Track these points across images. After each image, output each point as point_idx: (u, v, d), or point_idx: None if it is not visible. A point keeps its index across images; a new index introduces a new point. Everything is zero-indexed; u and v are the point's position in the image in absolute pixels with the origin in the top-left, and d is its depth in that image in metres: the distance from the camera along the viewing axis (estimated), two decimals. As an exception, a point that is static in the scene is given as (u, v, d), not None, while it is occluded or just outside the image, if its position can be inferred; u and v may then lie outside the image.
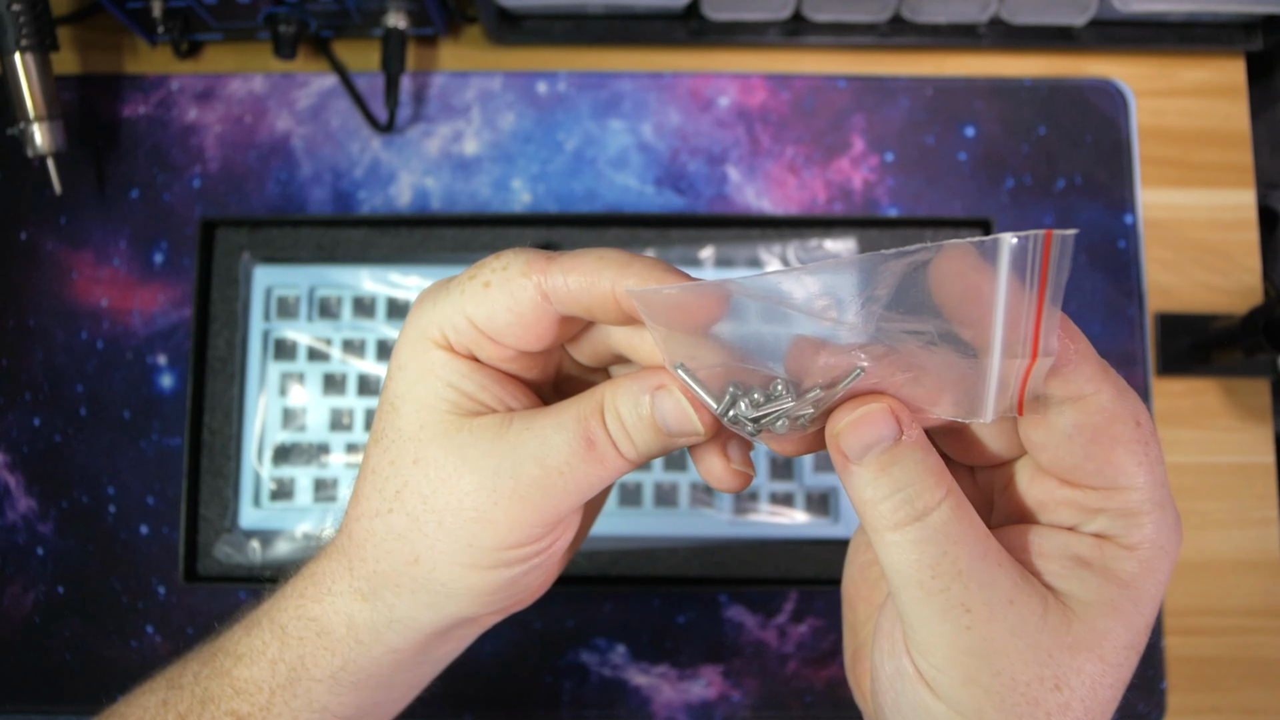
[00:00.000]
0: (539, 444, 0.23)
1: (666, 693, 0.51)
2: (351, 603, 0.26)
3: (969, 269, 0.19)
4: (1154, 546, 0.21)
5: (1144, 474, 0.21)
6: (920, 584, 0.20)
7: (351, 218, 0.54)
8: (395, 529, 0.24)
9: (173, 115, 0.56)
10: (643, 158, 0.56)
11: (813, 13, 0.55)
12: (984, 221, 0.52)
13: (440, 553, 0.24)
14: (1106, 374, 0.21)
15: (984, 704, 0.20)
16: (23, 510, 0.53)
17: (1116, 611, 0.21)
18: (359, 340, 0.52)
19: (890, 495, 0.20)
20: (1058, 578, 0.21)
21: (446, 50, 0.58)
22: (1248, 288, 0.55)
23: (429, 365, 0.24)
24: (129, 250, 0.55)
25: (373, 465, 0.25)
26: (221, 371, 0.52)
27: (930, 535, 0.20)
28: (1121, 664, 0.21)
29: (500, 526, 0.23)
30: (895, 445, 0.21)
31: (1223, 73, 0.57)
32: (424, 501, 0.24)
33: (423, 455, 0.24)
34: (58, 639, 0.52)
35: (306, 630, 0.27)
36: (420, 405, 0.24)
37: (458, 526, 0.24)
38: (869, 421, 0.21)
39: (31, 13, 0.49)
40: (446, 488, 0.24)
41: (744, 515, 0.50)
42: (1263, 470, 0.53)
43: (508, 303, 0.23)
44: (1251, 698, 0.52)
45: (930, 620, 0.20)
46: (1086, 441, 0.21)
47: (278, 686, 0.27)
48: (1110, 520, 0.21)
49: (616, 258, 0.22)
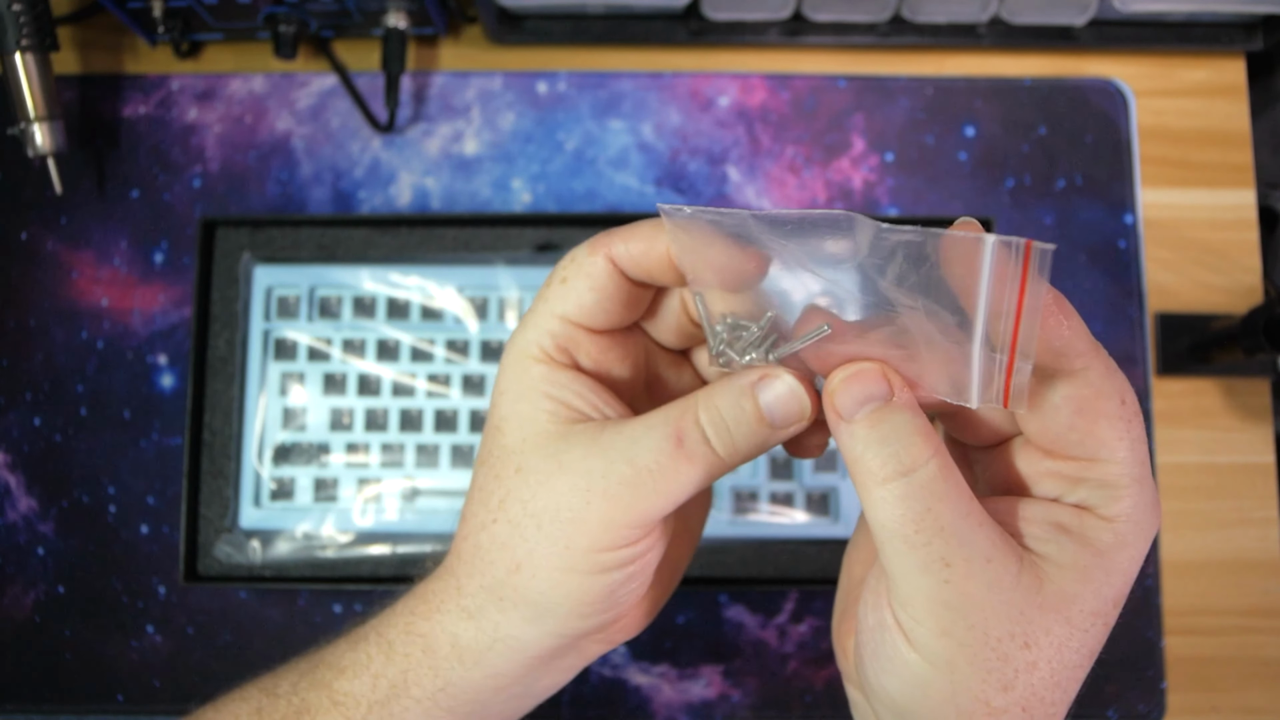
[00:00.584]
0: (629, 444, 0.24)
1: (666, 693, 0.51)
2: (458, 621, 0.27)
3: (966, 256, 0.20)
4: (1130, 520, 0.22)
5: (1125, 449, 0.22)
6: (904, 538, 0.21)
7: (351, 218, 0.54)
8: (499, 538, 0.26)
9: (173, 115, 0.56)
10: (643, 158, 0.56)
11: (813, 13, 0.55)
12: (984, 221, 0.52)
13: (539, 557, 0.25)
14: (1097, 352, 0.22)
15: (956, 655, 0.21)
16: (23, 510, 0.53)
17: (1088, 578, 0.22)
18: (359, 340, 0.52)
19: (879, 451, 0.21)
20: (1037, 541, 0.22)
21: (446, 50, 0.58)
22: (1248, 288, 0.55)
23: (529, 382, 0.26)
24: (129, 250, 0.55)
25: (479, 483, 0.27)
26: (221, 371, 0.52)
27: (915, 491, 0.21)
28: (1088, 630, 0.22)
29: (593, 526, 0.24)
30: (886, 404, 0.22)
31: (1223, 73, 0.57)
32: (524, 507, 0.25)
33: (524, 464, 0.25)
34: (58, 639, 0.52)
35: (413, 647, 0.28)
36: (522, 420, 0.26)
37: (554, 529, 0.25)
38: (861, 379, 0.22)
39: (31, 13, 0.49)
40: (544, 491, 0.25)
41: (744, 515, 0.50)
42: (1263, 470, 0.53)
43: (588, 284, 0.25)
44: (1251, 698, 0.52)
45: (912, 573, 0.21)
46: (1072, 413, 0.22)
47: (376, 702, 0.28)
48: (1090, 491, 0.22)
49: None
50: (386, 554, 0.50)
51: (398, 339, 0.52)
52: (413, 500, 0.51)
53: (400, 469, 0.51)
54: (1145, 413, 0.53)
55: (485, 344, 0.51)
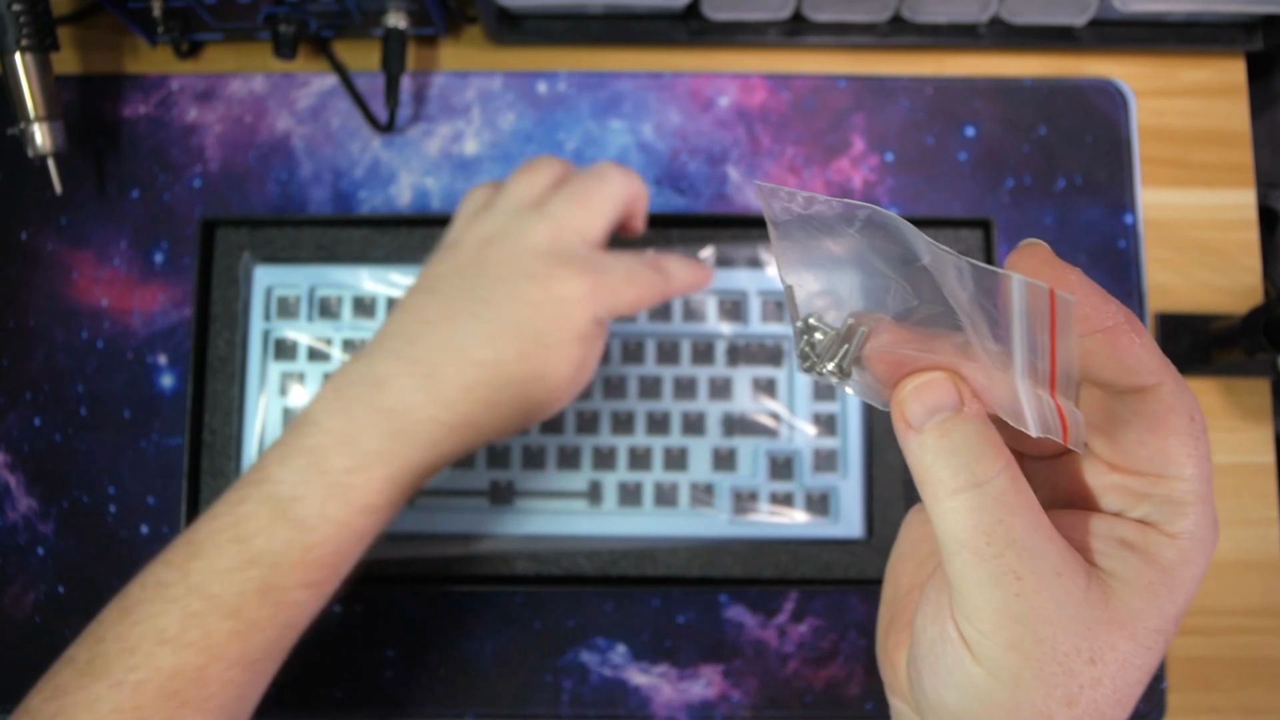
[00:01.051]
0: (631, 260, 0.42)
1: (666, 693, 0.51)
2: (411, 386, 0.38)
3: (1004, 290, 0.20)
4: (1193, 538, 0.22)
5: (1193, 466, 0.22)
6: (975, 549, 0.21)
7: (351, 218, 0.54)
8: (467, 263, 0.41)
9: (173, 115, 0.56)
10: (643, 158, 0.56)
11: (813, 13, 0.55)
12: (984, 221, 0.52)
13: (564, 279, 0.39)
14: (1168, 367, 0.22)
15: (1023, 670, 0.21)
16: (23, 510, 0.53)
17: (1153, 594, 0.22)
18: (359, 340, 0.52)
19: (950, 462, 0.21)
20: (1102, 556, 0.22)
21: (446, 50, 0.58)
22: (1248, 288, 0.55)
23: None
24: (129, 250, 0.55)
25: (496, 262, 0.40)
26: (221, 371, 0.52)
27: (987, 503, 0.21)
28: (1151, 647, 0.22)
29: (558, 307, 0.39)
30: (956, 415, 0.21)
31: (1223, 73, 0.57)
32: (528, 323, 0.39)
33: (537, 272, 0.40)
34: (58, 639, 0.52)
35: (380, 422, 0.38)
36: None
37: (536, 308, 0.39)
38: (931, 389, 0.21)
39: (31, 13, 0.49)
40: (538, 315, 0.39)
41: (744, 515, 0.50)
42: (1263, 470, 0.53)
43: (622, 203, 0.42)
44: (1252, 698, 0.52)
45: (982, 585, 0.21)
46: (1143, 430, 0.22)
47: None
48: (1155, 507, 0.22)
49: None
50: (387, 554, 0.50)
51: (398, 339, 0.52)
52: (412, 500, 0.51)
53: (400, 469, 0.51)
54: (1145, 413, 0.53)
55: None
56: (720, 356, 0.51)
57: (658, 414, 0.51)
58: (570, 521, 0.50)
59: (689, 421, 0.51)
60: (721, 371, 0.51)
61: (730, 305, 0.52)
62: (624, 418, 0.51)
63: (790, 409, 0.51)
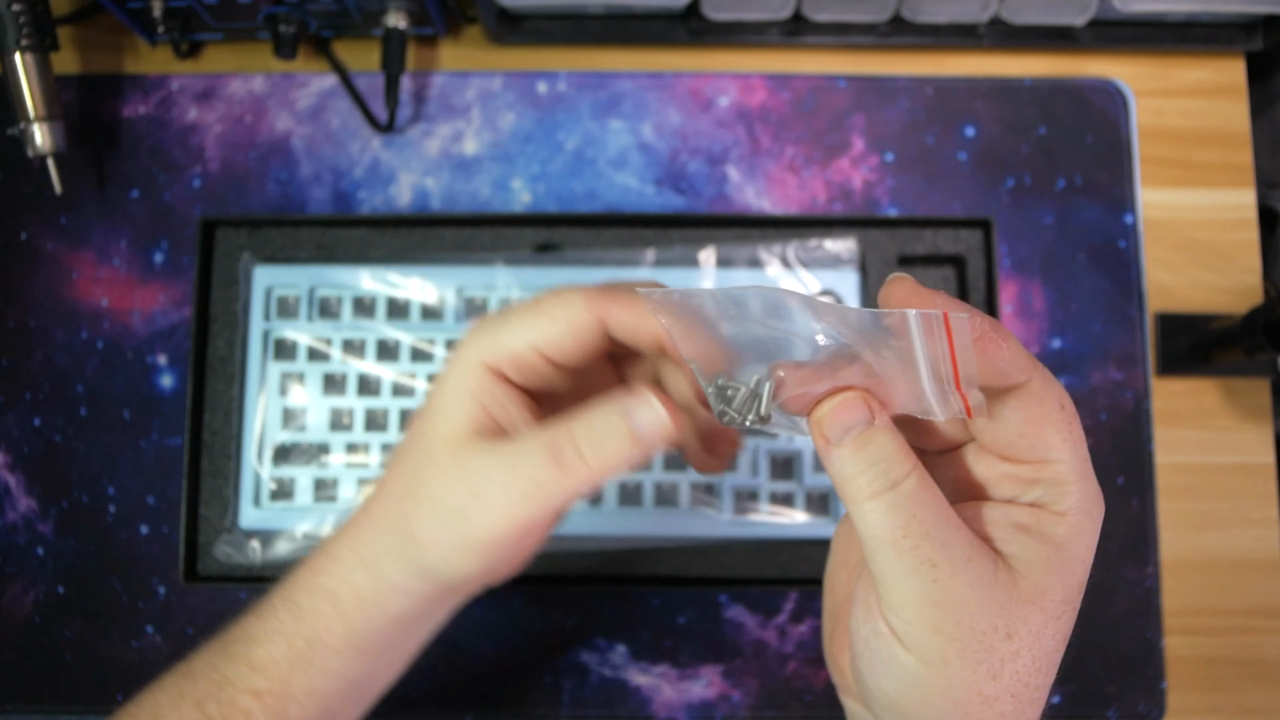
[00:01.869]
0: (514, 456, 0.28)
1: (666, 693, 0.51)
2: (356, 570, 0.31)
3: (901, 326, 0.23)
4: (1080, 512, 0.24)
5: (1069, 449, 0.24)
6: (894, 544, 0.23)
7: (351, 218, 0.54)
8: (405, 512, 0.30)
9: (173, 115, 0.56)
10: (643, 158, 0.56)
11: (813, 13, 0.55)
12: (984, 221, 0.52)
13: (436, 540, 0.29)
14: (1034, 365, 0.24)
15: (948, 651, 0.23)
16: (23, 510, 0.53)
17: (1053, 570, 0.24)
18: (359, 340, 0.52)
19: (866, 469, 0.24)
20: (1003, 542, 0.25)
21: (446, 50, 0.58)
22: (1248, 288, 0.55)
23: (470, 385, 0.29)
24: (129, 250, 0.55)
25: (398, 457, 0.31)
26: (221, 371, 0.52)
27: (901, 501, 0.23)
28: (1060, 616, 0.24)
29: (481, 524, 0.28)
30: (868, 428, 0.24)
31: (1223, 73, 0.57)
32: (429, 496, 0.29)
33: (435, 458, 0.29)
34: (58, 639, 0.52)
35: (320, 602, 0.31)
36: (447, 417, 0.29)
37: (450, 520, 0.29)
38: (845, 408, 0.24)
39: (31, 13, 0.49)
40: (444, 486, 0.29)
41: (744, 515, 0.50)
42: (1263, 470, 0.53)
43: (570, 329, 0.28)
44: (1251, 698, 0.52)
45: (903, 576, 0.23)
46: (1022, 423, 0.24)
47: (296, 660, 0.31)
48: (1043, 490, 0.25)
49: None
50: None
51: (398, 339, 0.52)
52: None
53: (400, 469, 0.51)
54: (1145, 413, 0.53)
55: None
56: (720, 356, 0.51)
57: (658, 414, 0.51)
58: (570, 521, 0.50)
59: (689, 421, 0.51)
60: (721, 371, 0.51)
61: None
62: (624, 418, 0.51)
63: (790, 409, 0.51)
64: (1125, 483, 0.53)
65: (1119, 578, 0.52)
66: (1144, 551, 0.52)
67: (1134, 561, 0.52)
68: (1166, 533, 0.52)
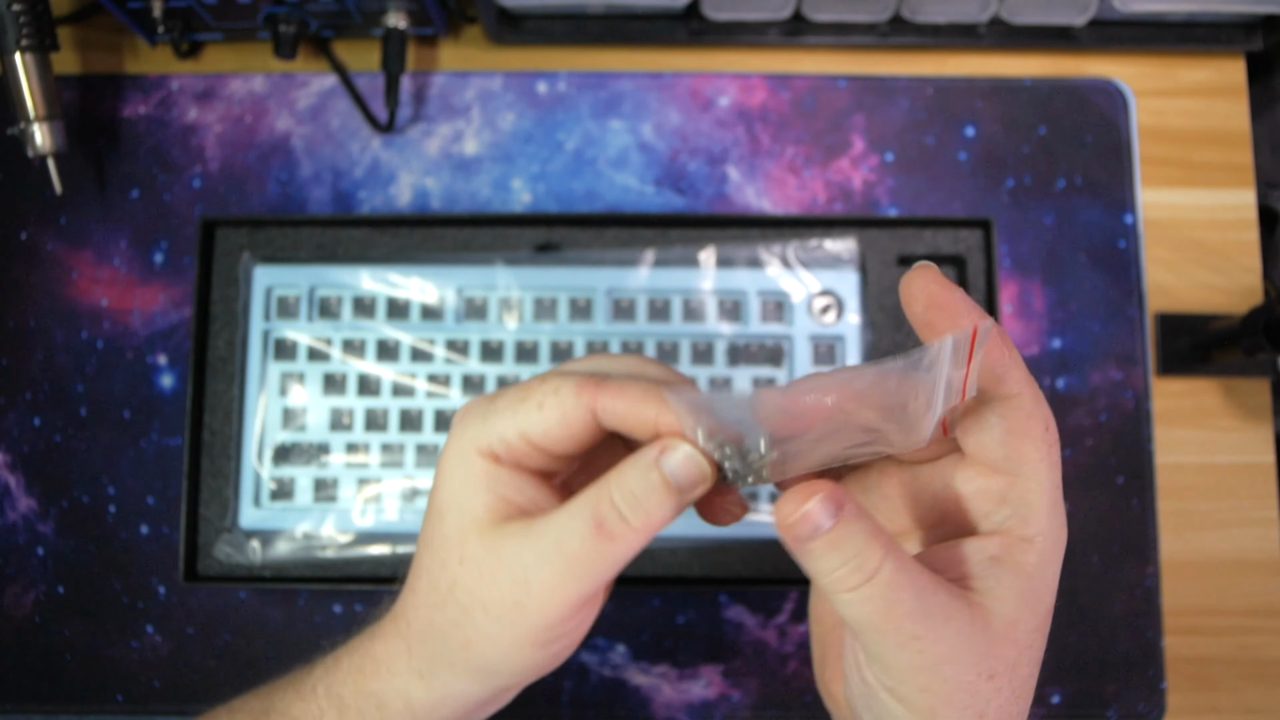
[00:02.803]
0: (557, 534, 0.27)
1: (666, 693, 0.51)
2: (410, 681, 0.30)
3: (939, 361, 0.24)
4: (1048, 537, 0.26)
5: (1045, 470, 0.25)
6: (876, 628, 0.24)
7: (351, 218, 0.54)
8: (450, 618, 0.28)
9: (173, 115, 0.56)
10: (643, 158, 0.56)
11: (813, 13, 0.55)
12: (984, 221, 0.52)
13: (489, 637, 0.28)
14: (1030, 382, 0.25)
15: (936, 704, 0.25)
16: (23, 510, 0.53)
17: (1025, 601, 0.25)
18: (359, 340, 0.52)
19: (840, 565, 0.24)
20: (978, 579, 0.26)
21: (446, 50, 0.58)
22: (1248, 288, 0.55)
23: (474, 475, 0.28)
24: (129, 250, 0.55)
25: (426, 564, 0.29)
26: (221, 371, 0.52)
27: (879, 590, 0.24)
28: (1032, 644, 0.26)
29: (534, 612, 0.27)
30: (837, 524, 0.24)
31: (1223, 73, 0.57)
32: (471, 595, 0.28)
33: (466, 555, 0.28)
34: (58, 639, 0.52)
35: (366, 704, 0.30)
36: (462, 511, 0.28)
37: (501, 614, 0.27)
38: (813, 514, 0.24)
39: (31, 13, 0.49)
40: (488, 583, 0.27)
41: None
42: (1263, 470, 0.53)
43: (560, 420, 0.27)
44: (1251, 698, 0.52)
45: (889, 652, 0.25)
46: (1005, 432, 0.25)
47: None
48: (1012, 510, 0.26)
49: (659, 393, 0.26)
50: (386, 554, 0.50)
51: (398, 339, 0.52)
52: (413, 500, 0.51)
53: (400, 469, 0.51)
54: (1145, 413, 0.53)
55: (485, 344, 0.52)
56: (720, 356, 0.51)
57: (658, 414, 0.51)
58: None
59: (689, 421, 0.51)
60: (721, 371, 0.51)
61: (730, 305, 0.52)
62: (624, 418, 0.51)
63: (790, 409, 0.51)
64: (1125, 483, 0.53)
65: (1119, 578, 0.52)
66: (1144, 551, 0.52)
67: (1134, 561, 0.52)
68: (1166, 533, 0.52)
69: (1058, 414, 0.53)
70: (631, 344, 0.51)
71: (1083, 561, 0.52)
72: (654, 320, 0.51)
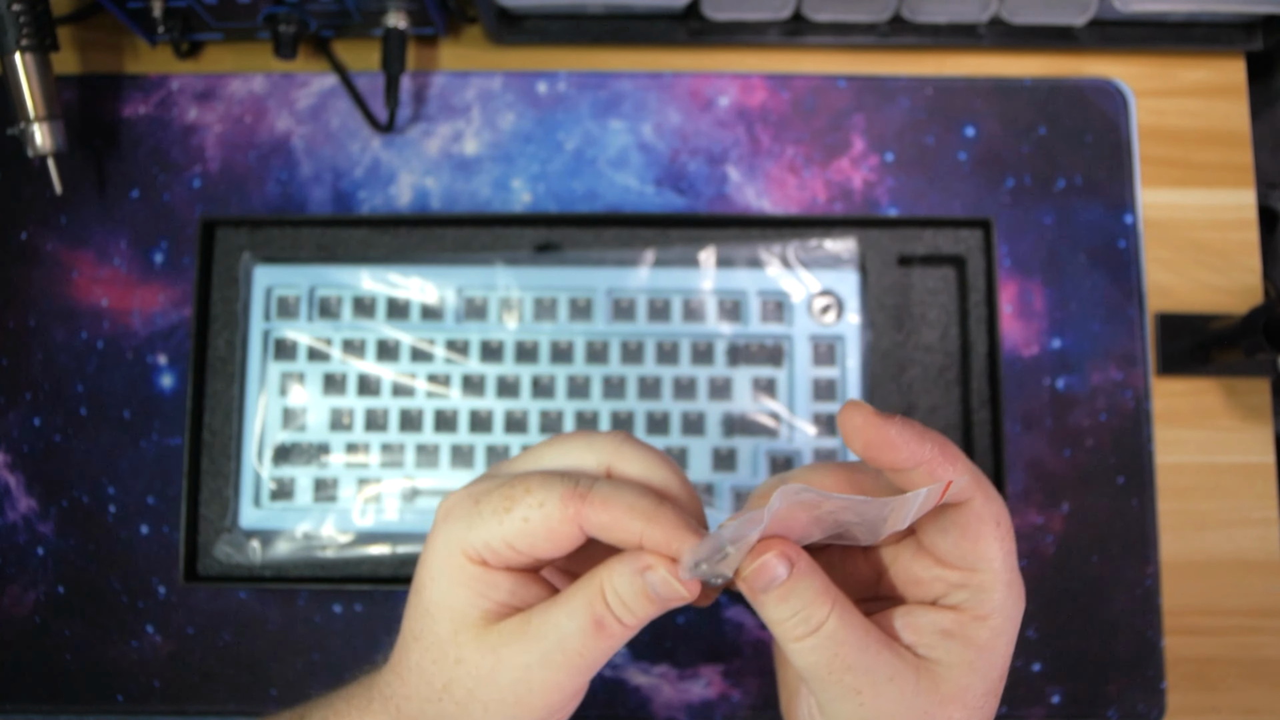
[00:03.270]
0: (558, 634, 0.27)
1: (666, 693, 0.51)
2: None
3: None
4: (1002, 614, 0.27)
5: (999, 560, 0.27)
6: (820, 677, 0.26)
7: (351, 218, 0.54)
8: (446, 712, 0.29)
9: (173, 115, 0.56)
10: (643, 158, 0.56)
11: (813, 13, 0.55)
12: (984, 222, 0.52)
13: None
14: (978, 484, 0.27)
15: None
16: (23, 510, 0.53)
17: (975, 670, 0.27)
18: (359, 340, 0.52)
19: (791, 616, 0.26)
20: (928, 649, 0.27)
21: (446, 50, 0.58)
22: (1248, 288, 0.55)
23: (463, 578, 0.28)
24: (129, 250, 0.55)
25: (418, 660, 0.29)
26: (221, 371, 0.52)
27: (824, 642, 0.26)
28: (981, 707, 0.27)
29: (538, 707, 0.28)
30: (789, 579, 0.26)
31: (1223, 73, 0.57)
32: (469, 694, 0.28)
33: (463, 657, 0.28)
34: (58, 639, 0.52)
35: None
36: (454, 613, 0.28)
37: (501, 711, 0.28)
38: (769, 566, 0.26)
39: (31, 13, 0.49)
40: (488, 683, 0.28)
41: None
42: (1263, 470, 0.53)
43: (546, 533, 0.27)
44: (1251, 698, 0.52)
45: (834, 701, 0.27)
46: (959, 536, 0.27)
47: None
48: (969, 594, 0.27)
49: (644, 509, 0.27)
50: (386, 554, 0.50)
51: (398, 339, 0.52)
52: (413, 500, 0.51)
53: (400, 469, 0.51)
54: (1145, 413, 0.53)
55: (485, 344, 0.52)
56: (720, 357, 0.51)
57: (658, 414, 0.51)
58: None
59: (689, 422, 0.51)
60: (721, 372, 0.51)
61: (730, 305, 0.52)
62: (624, 417, 0.51)
63: (790, 409, 0.51)
64: (1125, 483, 0.53)
65: (1119, 578, 0.52)
66: (1144, 551, 0.52)
67: (1134, 561, 0.52)
68: (1166, 533, 0.52)
69: (1058, 414, 0.53)
70: (631, 343, 0.51)
71: (1083, 561, 0.52)
72: (654, 320, 0.51)
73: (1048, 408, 0.53)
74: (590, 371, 0.51)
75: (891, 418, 0.26)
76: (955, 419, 0.52)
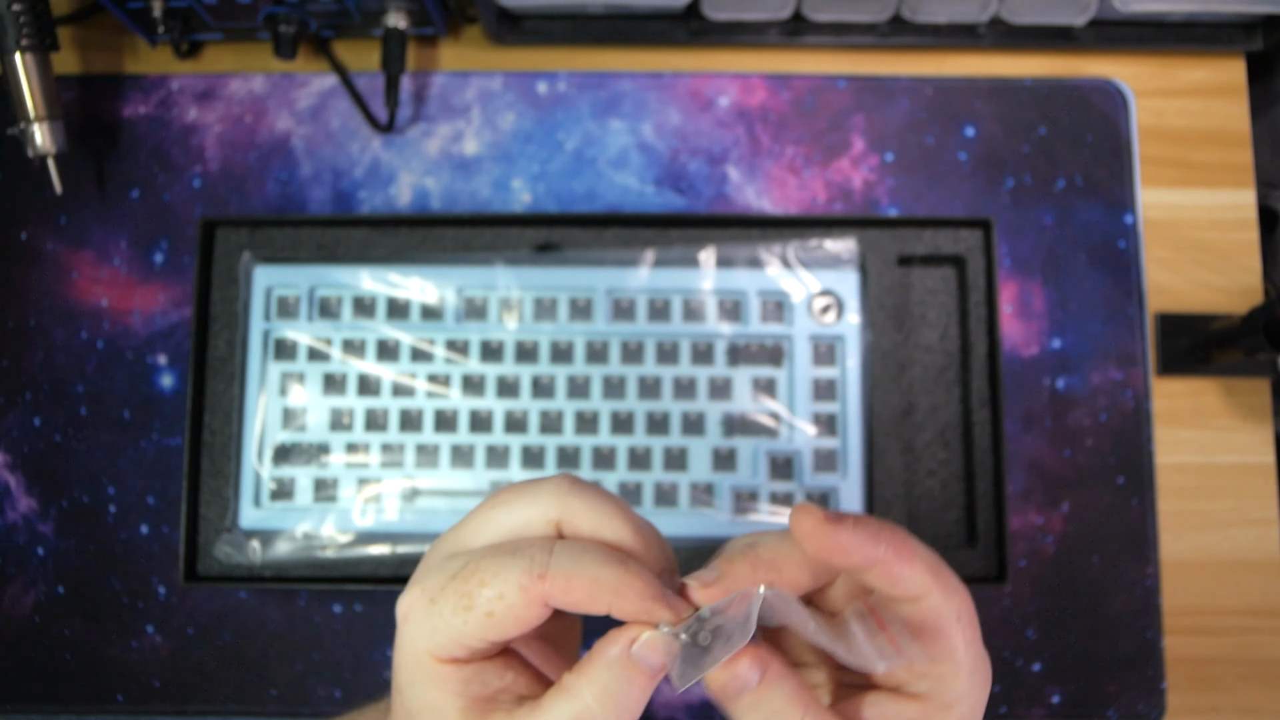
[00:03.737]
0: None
1: (666, 692, 0.51)
2: None
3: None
4: (966, 700, 0.28)
5: (961, 649, 0.27)
6: None
7: (351, 218, 0.54)
8: None
9: (173, 115, 0.56)
10: (643, 158, 0.56)
11: (813, 13, 0.55)
12: (984, 221, 0.52)
13: None
14: (936, 578, 0.27)
15: None
16: (23, 510, 0.53)
17: None
18: (359, 340, 0.52)
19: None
20: None
21: (446, 50, 0.58)
22: (1248, 288, 0.55)
23: (436, 679, 0.28)
24: (129, 250, 0.55)
25: None
26: (221, 371, 0.52)
27: None
28: None
29: None
30: (761, 684, 0.26)
31: (1223, 73, 0.57)
32: None
33: None
34: (58, 639, 0.52)
35: None
36: (437, 713, 0.28)
37: None
38: (741, 673, 0.26)
39: (31, 13, 0.49)
40: None
41: (744, 515, 0.50)
42: (1263, 470, 0.53)
43: (514, 621, 0.27)
44: (1251, 698, 0.52)
45: None
46: (917, 631, 0.27)
47: None
48: (932, 683, 0.28)
49: (611, 580, 0.26)
50: (386, 554, 0.50)
51: (398, 339, 0.52)
52: (413, 500, 0.51)
53: (400, 469, 0.51)
54: (1145, 413, 0.53)
55: (485, 344, 0.52)
56: (720, 357, 0.51)
57: (657, 414, 0.51)
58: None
59: (689, 422, 0.51)
60: (721, 371, 0.51)
61: (730, 305, 0.52)
62: (624, 418, 0.51)
63: (790, 409, 0.51)
64: (1125, 483, 0.53)
65: (1119, 578, 0.52)
66: (1144, 551, 0.52)
67: (1134, 561, 0.52)
68: (1166, 533, 0.52)
69: (1058, 414, 0.53)
70: (631, 343, 0.51)
71: (1083, 561, 0.52)
72: (654, 320, 0.51)
73: (1047, 408, 0.53)
74: (590, 371, 0.51)
75: (842, 520, 0.26)
76: (955, 419, 0.52)
